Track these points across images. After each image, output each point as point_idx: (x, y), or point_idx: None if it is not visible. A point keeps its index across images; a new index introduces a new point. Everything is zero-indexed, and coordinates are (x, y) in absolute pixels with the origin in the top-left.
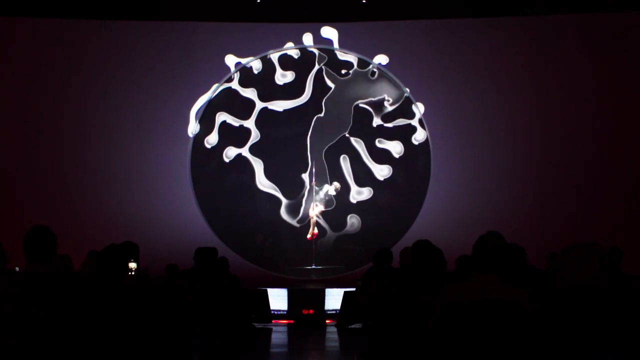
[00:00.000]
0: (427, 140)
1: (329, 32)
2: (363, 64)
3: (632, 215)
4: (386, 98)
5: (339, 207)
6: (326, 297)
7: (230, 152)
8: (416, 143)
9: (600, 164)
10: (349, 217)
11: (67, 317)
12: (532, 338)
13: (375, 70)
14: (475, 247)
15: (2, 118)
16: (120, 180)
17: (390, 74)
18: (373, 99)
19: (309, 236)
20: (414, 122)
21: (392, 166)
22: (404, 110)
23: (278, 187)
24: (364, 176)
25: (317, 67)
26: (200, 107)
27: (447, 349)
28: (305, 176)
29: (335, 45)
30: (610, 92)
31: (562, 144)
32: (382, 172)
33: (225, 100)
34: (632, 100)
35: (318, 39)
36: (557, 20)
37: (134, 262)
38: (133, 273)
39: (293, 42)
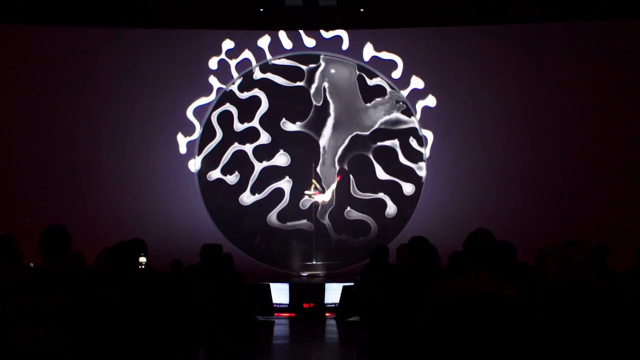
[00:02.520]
0: (422, 142)
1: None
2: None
3: (615, 215)
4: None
5: (340, 207)
6: (326, 291)
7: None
8: (419, 148)
9: (587, 166)
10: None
11: (77, 309)
12: (523, 332)
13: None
14: (466, 244)
15: (20, 123)
16: (130, 181)
17: (387, 79)
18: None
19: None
20: (412, 123)
21: (389, 167)
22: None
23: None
24: (368, 180)
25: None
26: (201, 108)
27: (440, 341)
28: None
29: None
30: (597, 96)
31: (550, 147)
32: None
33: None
34: (619, 104)
35: (322, 45)
36: (547, 28)
37: (143, 256)
38: (143, 267)
39: (294, 48)
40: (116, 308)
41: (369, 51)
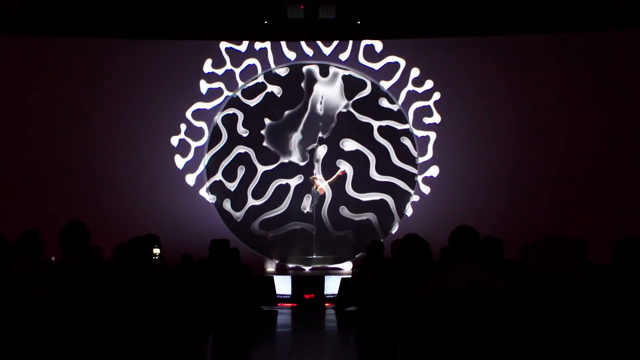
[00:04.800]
0: (415, 144)
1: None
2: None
3: (593, 212)
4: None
5: (338, 205)
6: (325, 283)
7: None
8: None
9: (569, 168)
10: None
11: (91, 302)
12: (508, 322)
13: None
14: (451, 238)
15: (42, 130)
16: (144, 182)
17: (384, 89)
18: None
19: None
20: (407, 126)
21: (383, 168)
22: (397, 115)
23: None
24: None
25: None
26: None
27: (430, 330)
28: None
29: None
30: (580, 103)
31: (536, 150)
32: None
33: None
34: (597, 109)
35: (319, 55)
36: (533, 39)
37: (158, 248)
38: (157, 258)
39: (297, 58)
40: (128, 301)
41: (363, 60)
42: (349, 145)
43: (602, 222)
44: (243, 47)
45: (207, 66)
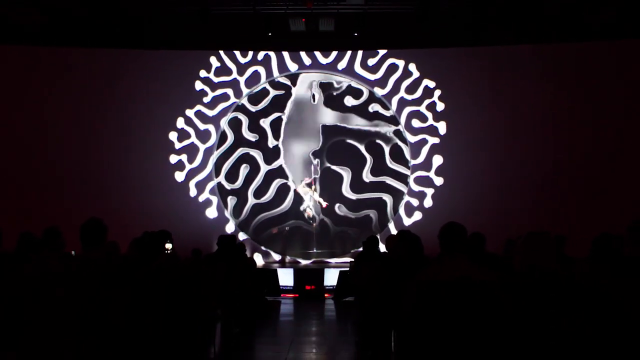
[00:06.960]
0: (408, 146)
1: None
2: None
3: (572, 210)
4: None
5: (336, 203)
6: (325, 275)
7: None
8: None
9: (552, 170)
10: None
11: (108, 293)
12: (501, 315)
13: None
14: (440, 234)
15: (63, 135)
16: (155, 182)
17: (381, 96)
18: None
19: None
20: (398, 128)
21: (378, 170)
22: (392, 120)
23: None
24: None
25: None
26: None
27: (423, 323)
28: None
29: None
30: (562, 108)
31: (522, 153)
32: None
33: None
34: (580, 115)
35: (318, 65)
36: (522, 50)
37: (170, 242)
38: (169, 252)
39: (298, 68)
40: (136, 294)
41: (360, 68)
42: (348, 147)
43: (581, 219)
44: (248, 56)
45: (212, 73)
